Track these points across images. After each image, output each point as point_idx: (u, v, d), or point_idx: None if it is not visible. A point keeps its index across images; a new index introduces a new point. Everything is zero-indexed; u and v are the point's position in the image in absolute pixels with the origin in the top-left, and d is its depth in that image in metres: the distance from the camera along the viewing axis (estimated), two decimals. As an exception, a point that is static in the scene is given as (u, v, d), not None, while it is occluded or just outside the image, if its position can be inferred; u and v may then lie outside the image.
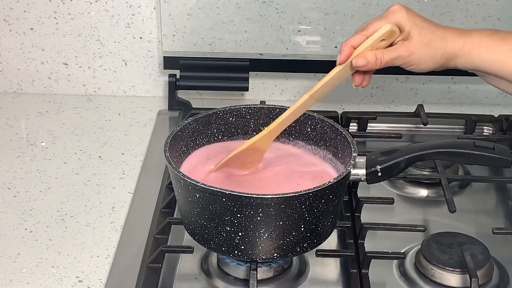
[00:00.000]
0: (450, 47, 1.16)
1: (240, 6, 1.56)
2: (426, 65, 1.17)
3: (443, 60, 1.17)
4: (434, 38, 1.16)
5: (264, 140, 1.19)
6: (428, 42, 1.16)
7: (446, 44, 1.16)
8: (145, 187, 1.36)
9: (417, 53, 1.15)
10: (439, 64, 1.17)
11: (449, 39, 1.17)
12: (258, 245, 1.09)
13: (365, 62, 1.14)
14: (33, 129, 1.54)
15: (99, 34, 1.62)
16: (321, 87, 1.16)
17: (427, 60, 1.16)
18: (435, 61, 1.17)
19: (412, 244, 1.24)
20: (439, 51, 1.16)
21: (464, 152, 1.12)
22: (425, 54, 1.16)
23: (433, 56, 1.16)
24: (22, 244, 1.23)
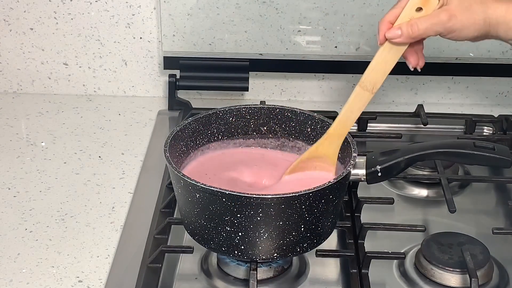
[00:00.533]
0: (492, 13, 1.11)
1: (240, 6, 1.56)
2: (467, 32, 1.10)
3: (485, 28, 1.11)
4: (475, 2, 1.10)
5: (326, 146, 1.16)
6: (468, 6, 1.10)
7: (488, 9, 1.10)
8: (145, 187, 1.36)
9: (458, 17, 1.09)
10: (481, 31, 1.11)
11: (490, 5, 1.11)
12: (258, 245, 1.09)
13: (398, 33, 1.09)
14: (33, 129, 1.54)
15: (99, 34, 1.62)
16: (369, 75, 1.12)
17: (469, 26, 1.10)
18: (476, 27, 1.10)
19: (412, 244, 1.24)
20: (480, 15, 1.10)
21: (464, 152, 1.12)
22: (467, 19, 1.09)
23: (475, 22, 1.10)
24: (22, 244, 1.23)
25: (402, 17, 1.10)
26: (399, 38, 1.09)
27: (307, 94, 1.67)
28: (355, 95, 1.13)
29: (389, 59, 1.12)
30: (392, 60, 1.12)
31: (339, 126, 1.16)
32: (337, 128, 1.16)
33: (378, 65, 1.12)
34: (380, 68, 1.12)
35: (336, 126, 1.16)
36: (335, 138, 1.16)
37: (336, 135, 1.16)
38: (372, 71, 1.12)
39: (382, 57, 1.12)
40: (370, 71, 1.12)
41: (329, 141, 1.16)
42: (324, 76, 1.66)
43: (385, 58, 1.12)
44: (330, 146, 1.16)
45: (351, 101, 1.14)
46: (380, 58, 1.12)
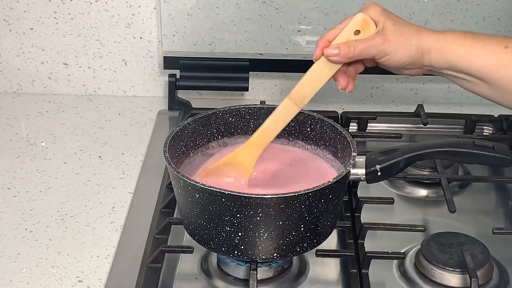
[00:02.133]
0: (425, 40, 1.14)
1: (240, 6, 1.56)
2: (401, 56, 1.14)
3: (418, 53, 1.14)
4: (409, 30, 1.14)
5: (245, 154, 1.16)
6: (402, 33, 1.13)
7: (421, 37, 1.14)
8: (145, 187, 1.37)
9: (393, 41, 1.13)
10: (414, 56, 1.14)
11: (423, 33, 1.15)
12: (258, 245, 1.09)
13: (336, 52, 1.12)
14: (33, 129, 1.54)
15: (99, 34, 1.62)
16: (300, 88, 1.14)
17: (402, 50, 1.13)
18: (409, 52, 1.13)
19: (412, 244, 1.24)
20: (413, 42, 1.13)
21: (463, 151, 1.12)
22: (401, 44, 1.13)
23: (408, 47, 1.13)
24: (22, 244, 1.23)
25: (340, 37, 1.14)
26: (336, 56, 1.12)
27: (307, 94, 1.67)
28: (283, 106, 1.15)
29: (321, 76, 1.14)
30: (324, 77, 1.14)
31: (261, 136, 1.16)
32: (259, 138, 1.16)
33: (310, 80, 1.14)
34: (311, 84, 1.14)
35: (258, 136, 1.16)
36: (254, 147, 1.16)
37: (256, 144, 1.16)
38: (303, 85, 1.14)
39: (315, 73, 1.14)
40: (301, 85, 1.14)
41: (248, 150, 1.16)
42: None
43: (317, 75, 1.14)
44: (248, 155, 1.16)
45: (278, 112, 1.15)
46: (313, 73, 1.14)
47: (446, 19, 1.56)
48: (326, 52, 1.13)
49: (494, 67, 1.14)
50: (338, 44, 1.13)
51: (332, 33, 1.15)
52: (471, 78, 1.16)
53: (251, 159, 1.16)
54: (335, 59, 1.13)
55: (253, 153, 1.16)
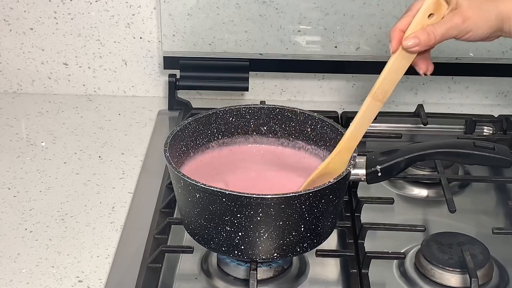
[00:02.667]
0: (503, 7, 1.10)
1: (240, 6, 1.56)
2: (482, 31, 1.10)
3: (498, 23, 1.10)
4: (485, 0, 1.10)
5: (338, 161, 1.13)
6: (479, 5, 1.09)
7: (498, 5, 1.10)
8: (145, 187, 1.36)
9: (472, 18, 1.08)
10: (494, 27, 1.10)
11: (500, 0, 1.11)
12: (258, 245, 1.09)
13: (416, 41, 1.07)
14: (33, 129, 1.54)
15: (99, 34, 1.62)
16: (381, 84, 1.09)
17: (482, 24, 1.09)
18: (490, 24, 1.10)
19: (412, 244, 1.24)
20: (492, 12, 1.10)
21: (464, 152, 1.12)
22: (480, 18, 1.09)
23: (488, 19, 1.09)
24: (22, 244, 1.23)
25: (414, 25, 1.09)
26: (417, 46, 1.07)
27: (307, 94, 1.67)
28: (367, 107, 1.11)
29: (400, 68, 1.10)
30: (403, 68, 1.10)
31: (350, 140, 1.12)
32: (349, 142, 1.13)
33: (390, 74, 1.10)
34: (391, 77, 1.10)
35: (348, 140, 1.13)
36: (345, 152, 1.13)
37: (346, 148, 1.13)
38: (384, 81, 1.10)
39: (395, 65, 1.09)
40: (382, 81, 1.09)
41: (340, 156, 1.13)
42: (324, 76, 1.66)
43: (397, 67, 1.09)
44: (340, 161, 1.13)
45: (363, 114, 1.11)
46: (392, 66, 1.09)
47: (446, 19, 1.56)
48: (406, 44, 1.07)
49: None
50: (416, 33, 1.07)
51: (404, 21, 1.09)
52: None
53: (343, 164, 1.13)
54: (416, 49, 1.07)
55: (345, 157, 1.13)
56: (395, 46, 1.08)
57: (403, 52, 1.09)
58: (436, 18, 1.09)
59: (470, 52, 1.58)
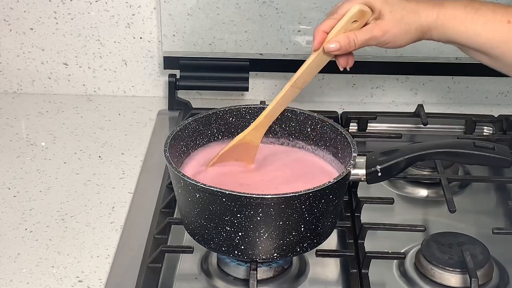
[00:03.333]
0: (424, 21, 1.15)
1: (240, 6, 1.56)
2: (401, 42, 1.16)
3: (418, 34, 1.16)
4: (406, 14, 1.15)
5: (253, 134, 1.21)
6: (400, 18, 1.14)
7: (419, 18, 1.15)
8: (145, 187, 1.36)
9: (391, 30, 1.14)
10: (414, 38, 1.16)
11: (421, 12, 1.15)
12: (258, 245, 1.09)
13: (337, 46, 1.14)
14: (33, 129, 1.54)
15: (99, 34, 1.62)
16: (301, 75, 1.17)
17: (401, 37, 1.15)
18: (410, 36, 1.15)
19: (412, 244, 1.24)
20: (412, 25, 1.14)
21: (464, 152, 1.12)
22: (399, 31, 1.14)
23: (408, 31, 1.15)
24: (22, 244, 1.23)
25: (337, 29, 1.15)
26: (338, 50, 1.15)
27: (307, 94, 1.67)
28: (286, 92, 1.19)
29: (321, 63, 1.18)
30: (323, 62, 1.18)
31: (267, 118, 1.21)
32: (266, 119, 1.21)
33: (311, 68, 1.18)
34: (311, 71, 1.18)
35: (265, 118, 1.21)
36: (261, 127, 1.21)
37: (263, 125, 1.21)
38: (304, 72, 1.18)
39: (315, 61, 1.18)
40: (302, 72, 1.18)
41: (256, 130, 1.21)
42: (324, 76, 1.65)
43: (317, 62, 1.18)
44: (255, 135, 1.21)
45: (282, 97, 1.19)
46: (313, 62, 1.18)
47: (446, 19, 1.56)
48: (327, 47, 1.15)
49: (496, 43, 1.14)
50: (338, 38, 1.14)
51: (328, 23, 1.16)
52: (473, 50, 1.17)
53: (258, 137, 1.22)
54: (336, 52, 1.15)
55: (260, 131, 1.22)
56: (316, 45, 1.16)
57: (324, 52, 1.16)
58: (359, 24, 1.15)
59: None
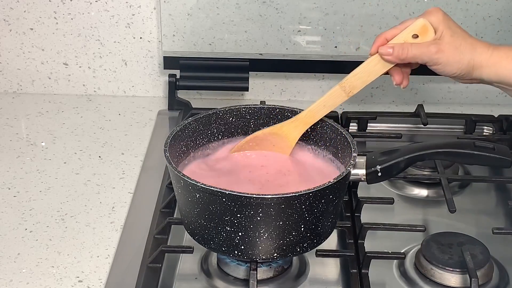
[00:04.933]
0: (478, 56, 1.17)
1: (240, 6, 1.56)
2: (451, 68, 1.17)
3: (468, 68, 1.17)
4: (464, 44, 1.17)
5: (292, 128, 1.21)
6: (458, 46, 1.16)
7: (474, 52, 1.17)
8: (145, 187, 1.37)
9: (446, 53, 1.15)
10: (464, 70, 1.17)
11: (478, 48, 1.17)
12: (258, 245, 1.09)
13: (390, 51, 1.15)
14: (33, 129, 1.54)
15: (99, 34, 1.62)
16: (351, 78, 1.18)
17: (453, 63, 1.16)
18: (460, 66, 1.17)
19: (412, 244, 1.24)
20: (466, 56, 1.16)
21: (464, 152, 1.12)
22: (453, 57, 1.16)
23: (460, 61, 1.16)
24: (22, 244, 1.23)
25: (398, 38, 1.17)
26: (389, 56, 1.16)
27: (307, 94, 1.67)
28: (333, 92, 1.19)
29: (373, 71, 1.18)
30: (376, 72, 1.18)
31: (309, 115, 1.21)
32: (307, 116, 1.21)
33: (362, 73, 1.18)
34: (362, 76, 1.18)
35: (306, 114, 1.21)
36: (301, 124, 1.21)
37: (303, 121, 1.21)
38: (355, 76, 1.18)
39: (368, 67, 1.18)
40: (353, 76, 1.18)
41: (295, 125, 1.21)
42: (324, 76, 1.66)
43: (370, 69, 1.18)
44: (294, 130, 1.21)
45: (327, 96, 1.20)
46: (366, 67, 1.18)
47: (446, 19, 1.56)
48: (381, 50, 1.16)
49: None
50: (393, 44, 1.16)
51: (392, 32, 1.17)
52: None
53: (296, 134, 1.22)
54: (388, 58, 1.16)
55: (299, 129, 1.22)
56: (373, 49, 1.18)
57: (379, 58, 1.17)
58: (419, 40, 1.17)
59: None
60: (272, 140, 1.22)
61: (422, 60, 1.16)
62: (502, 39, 1.58)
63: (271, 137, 1.22)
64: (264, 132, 1.23)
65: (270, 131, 1.22)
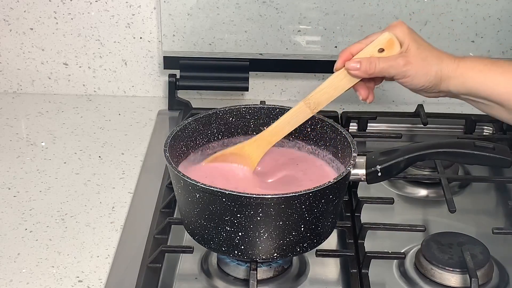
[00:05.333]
0: (445, 67, 1.16)
1: (240, 6, 1.56)
2: (419, 81, 1.16)
3: (436, 80, 1.16)
4: (431, 56, 1.16)
5: (254, 148, 1.19)
6: (425, 57, 1.15)
7: (441, 63, 1.16)
8: (145, 187, 1.37)
9: (414, 65, 1.14)
10: (432, 82, 1.16)
11: (444, 60, 1.16)
12: (258, 245, 1.09)
13: (357, 66, 1.14)
14: (33, 129, 1.54)
15: (99, 34, 1.62)
16: (316, 94, 1.16)
17: (421, 75, 1.15)
18: (428, 78, 1.15)
19: (412, 244, 1.24)
20: (433, 68, 1.15)
21: (464, 152, 1.12)
22: (421, 68, 1.15)
23: (427, 73, 1.15)
24: (22, 244, 1.23)
25: (363, 52, 1.15)
26: (357, 70, 1.14)
27: (307, 94, 1.66)
28: (297, 109, 1.17)
29: (339, 86, 1.16)
30: (341, 88, 1.16)
31: (272, 133, 1.18)
32: (270, 134, 1.19)
33: (328, 89, 1.16)
34: (328, 92, 1.16)
35: (268, 133, 1.19)
36: (264, 143, 1.19)
37: (266, 140, 1.19)
38: (320, 92, 1.16)
39: (334, 82, 1.16)
40: (318, 92, 1.16)
41: (257, 144, 1.19)
42: (324, 76, 1.65)
43: (336, 84, 1.16)
44: (257, 149, 1.19)
45: (291, 113, 1.18)
46: (331, 82, 1.16)
47: (446, 19, 1.56)
48: (348, 65, 1.14)
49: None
50: (360, 58, 1.14)
51: (356, 47, 1.16)
52: (490, 103, 1.18)
53: (259, 153, 1.19)
54: (355, 73, 1.14)
55: (261, 148, 1.19)
56: (339, 64, 1.15)
57: (345, 73, 1.15)
58: (385, 53, 1.15)
59: (470, 52, 1.58)
60: (235, 159, 1.20)
61: (389, 74, 1.15)
62: (502, 39, 1.58)
63: (232, 157, 1.20)
64: (224, 153, 1.20)
65: (231, 151, 1.20)
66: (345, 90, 1.16)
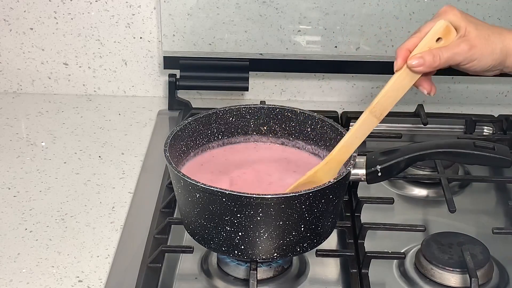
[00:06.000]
0: (508, 42, 1.12)
1: (240, 6, 1.56)
2: (486, 61, 1.11)
3: (502, 57, 1.11)
4: (492, 33, 1.11)
5: (326, 170, 1.12)
6: (487, 37, 1.10)
7: (505, 39, 1.11)
8: (145, 187, 1.37)
9: (478, 47, 1.09)
10: (498, 60, 1.11)
11: (506, 35, 1.12)
12: (258, 245, 1.09)
13: (421, 61, 1.07)
14: (33, 129, 1.54)
15: (99, 34, 1.62)
16: (381, 100, 1.09)
17: (487, 55, 1.10)
18: (494, 56, 1.11)
19: (412, 244, 1.24)
20: (498, 45, 1.11)
21: (464, 152, 1.12)
22: (486, 48, 1.10)
23: (493, 51, 1.11)
24: (22, 244, 1.23)
25: (421, 46, 1.09)
26: (421, 66, 1.08)
27: (307, 94, 1.67)
28: (363, 121, 1.11)
29: (401, 87, 1.10)
30: (405, 87, 1.10)
31: (342, 152, 1.12)
32: (339, 154, 1.12)
33: (391, 92, 1.09)
34: (391, 95, 1.10)
35: (339, 151, 1.12)
36: (335, 164, 1.13)
37: (336, 161, 1.12)
38: (384, 97, 1.09)
39: (396, 83, 1.09)
40: (381, 98, 1.09)
41: (329, 167, 1.13)
42: (324, 76, 1.66)
43: (398, 85, 1.10)
44: (329, 172, 1.13)
45: (358, 127, 1.11)
46: (394, 84, 1.09)
47: (446, 19, 1.56)
48: (410, 63, 1.08)
49: None
50: (422, 53, 1.08)
51: (412, 41, 1.09)
52: None
53: (331, 175, 1.12)
54: (420, 69, 1.08)
55: (333, 170, 1.13)
56: (400, 64, 1.08)
57: (407, 71, 1.09)
58: (444, 42, 1.09)
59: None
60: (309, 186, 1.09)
61: (455, 61, 1.09)
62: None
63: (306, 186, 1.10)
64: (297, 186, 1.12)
65: (304, 182, 1.12)
66: (408, 89, 1.10)
